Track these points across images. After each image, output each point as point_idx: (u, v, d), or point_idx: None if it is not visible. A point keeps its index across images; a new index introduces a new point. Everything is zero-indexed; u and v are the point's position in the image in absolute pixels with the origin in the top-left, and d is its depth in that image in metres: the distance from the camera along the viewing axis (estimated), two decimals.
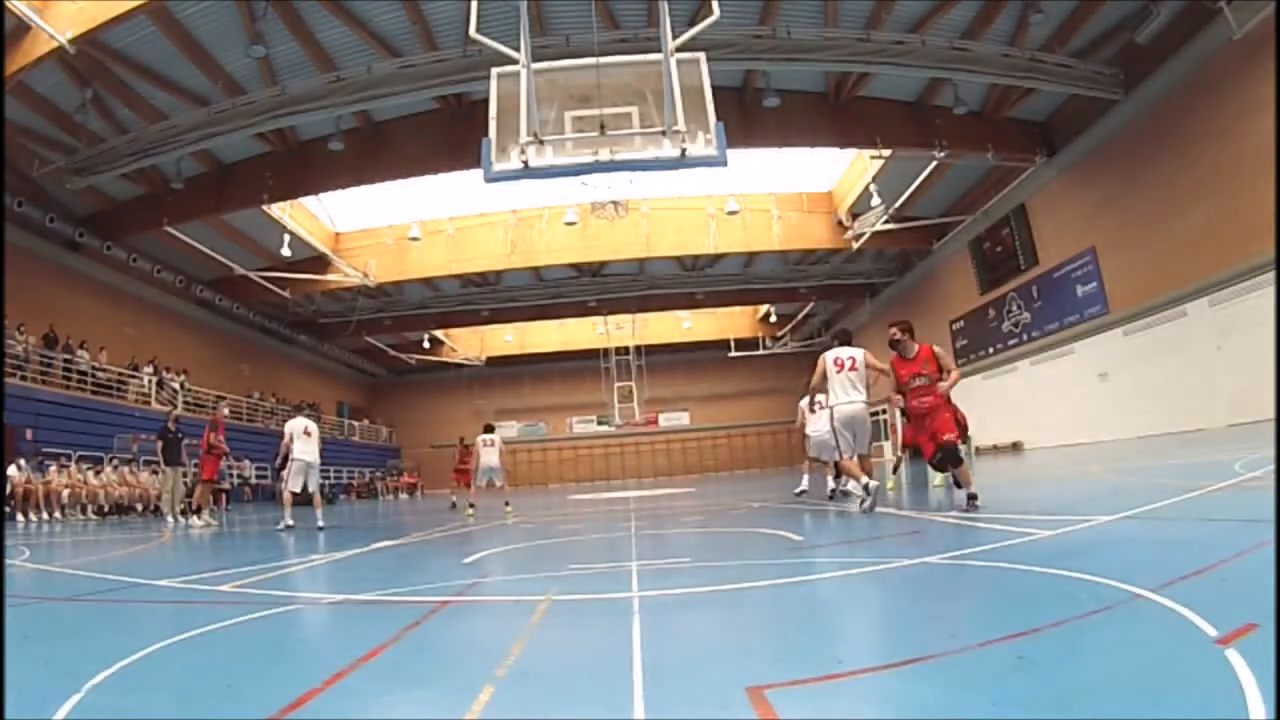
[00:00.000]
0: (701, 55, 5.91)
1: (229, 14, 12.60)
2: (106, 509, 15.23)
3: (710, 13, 6.12)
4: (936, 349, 6.07)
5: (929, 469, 9.94)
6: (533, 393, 39.03)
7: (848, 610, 2.84)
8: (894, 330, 6.25)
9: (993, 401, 20.76)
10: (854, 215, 22.42)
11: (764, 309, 33.96)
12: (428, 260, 24.21)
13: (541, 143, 5.47)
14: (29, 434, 15.21)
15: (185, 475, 18.07)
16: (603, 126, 5.61)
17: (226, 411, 12.38)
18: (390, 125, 16.91)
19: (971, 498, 5.55)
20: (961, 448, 9.62)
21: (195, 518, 10.81)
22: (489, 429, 12.75)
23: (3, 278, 14.29)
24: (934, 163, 17.86)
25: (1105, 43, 14.69)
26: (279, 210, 19.76)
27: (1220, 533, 3.56)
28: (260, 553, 6.92)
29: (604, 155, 5.62)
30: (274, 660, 2.52)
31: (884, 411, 27.68)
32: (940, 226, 22.99)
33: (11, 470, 13.36)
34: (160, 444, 12.70)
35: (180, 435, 12.68)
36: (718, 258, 25.58)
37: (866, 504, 6.25)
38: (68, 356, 17.64)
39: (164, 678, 2.28)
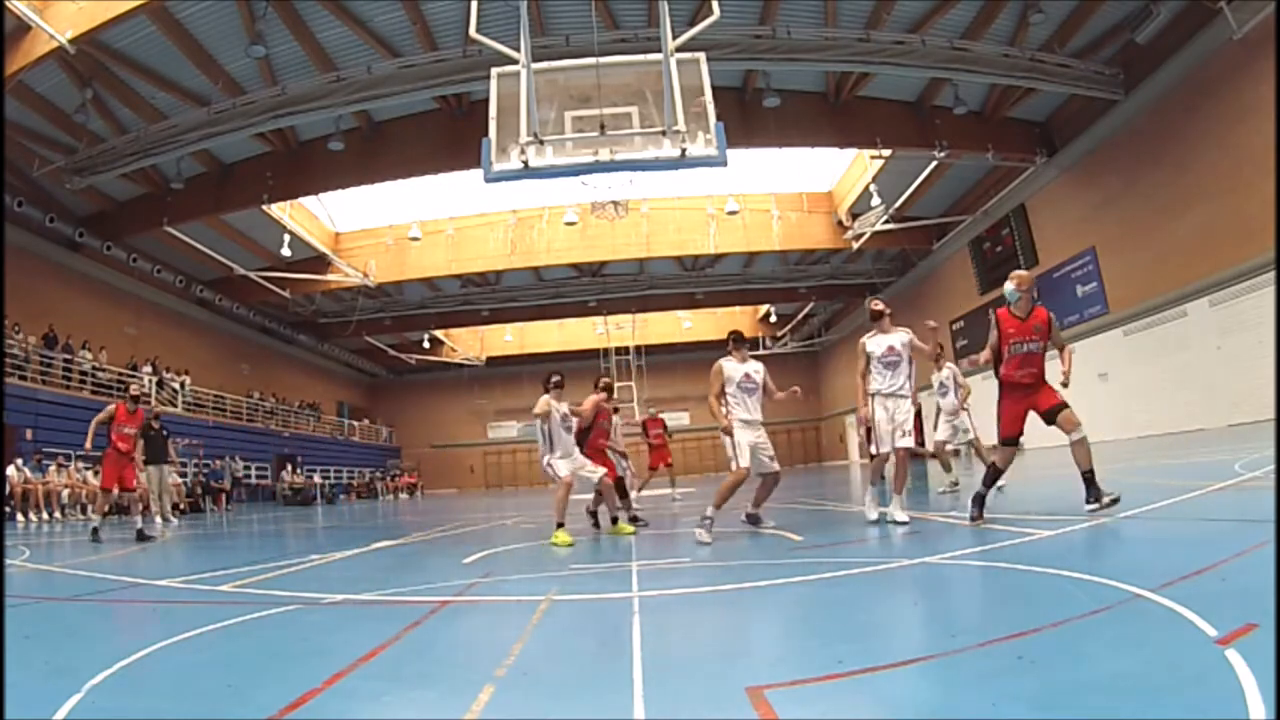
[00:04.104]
0: (701, 55, 5.91)
1: (229, 14, 12.59)
2: (107, 508, 15.19)
3: (710, 13, 6.12)
4: (1052, 316, 5.04)
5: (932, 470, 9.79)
6: (533, 393, 38.84)
7: (848, 610, 2.84)
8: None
9: (992, 401, 20.69)
10: (854, 215, 22.41)
11: (764, 309, 33.94)
12: (428, 260, 24.19)
13: (541, 143, 5.47)
14: (29, 434, 15.20)
15: (184, 475, 18.15)
16: (603, 126, 5.61)
17: (135, 390, 9.67)
18: (390, 125, 16.90)
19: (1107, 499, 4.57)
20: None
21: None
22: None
23: (3, 278, 14.28)
24: (934, 163, 17.85)
25: (1105, 43, 14.68)
26: (279, 210, 19.75)
27: (1220, 533, 3.56)
28: (260, 553, 6.92)
29: (604, 155, 5.62)
30: (274, 660, 2.52)
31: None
32: (940, 226, 22.98)
33: (10, 470, 13.34)
34: (141, 442, 12.48)
35: (166, 433, 12.57)
36: (718, 258, 25.57)
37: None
38: (68, 356, 17.64)
39: (164, 678, 2.28)
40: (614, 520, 6.58)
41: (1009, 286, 4.94)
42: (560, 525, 5.88)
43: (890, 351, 5.53)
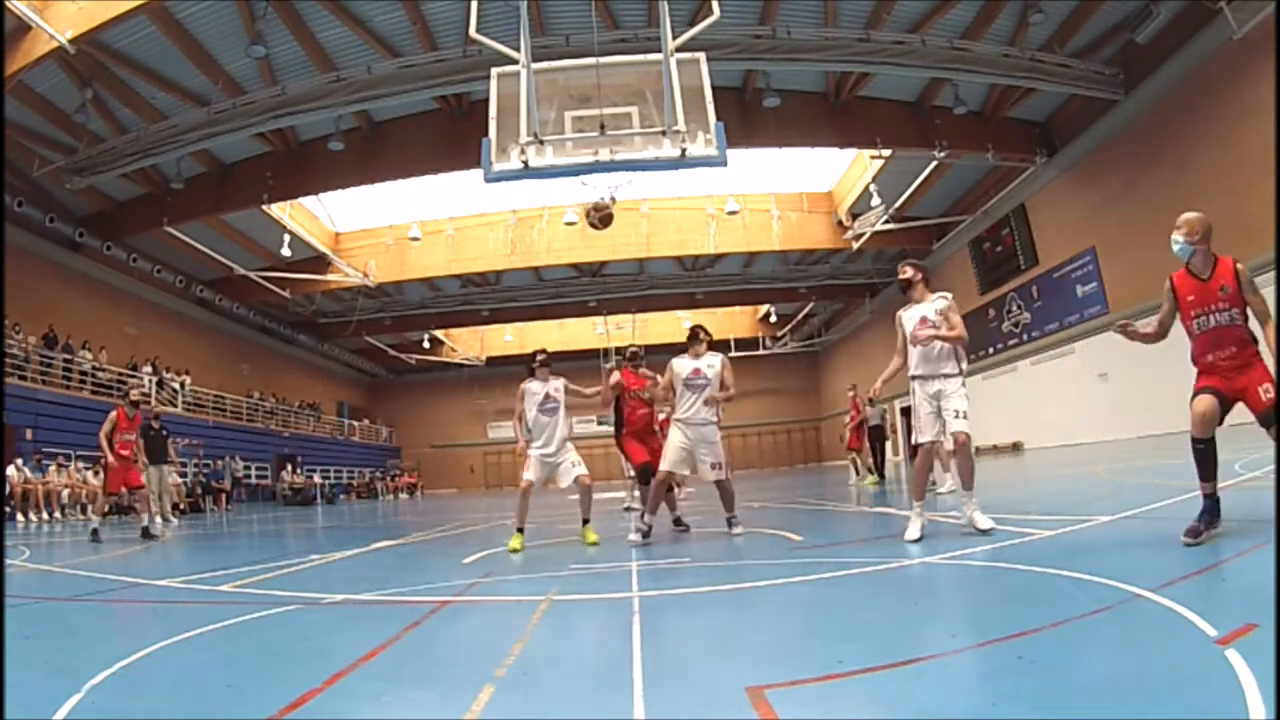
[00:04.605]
0: (701, 55, 5.91)
1: (229, 14, 12.59)
2: (106, 509, 15.20)
3: (710, 13, 6.12)
4: (1242, 268, 3.61)
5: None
6: None
7: (848, 610, 2.84)
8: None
9: (993, 401, 20.74)
10: (854, 215, 22.41)
11: (764, 309, 33.95)
12: (428, 260, 24.20)
13: (541, 143, 5.47)
14: (29, 434, 15.20)
15: (184, 475, 18.15)
16: (603, 126, 5.61)
17: (135, 395, 9.69)
18: (390, 125, 16.90)
19: None
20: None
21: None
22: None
23: (3, 278, 14.27)
24: (934, 163, 17.85)
25: (1105, 43, 14.69)
26: (279, 210, 19.75)
27: (1220, 533, 3.56)
28: (260, 553, 6.92)
29: (604, 155, 5.62)
30: (274, 660, 2.52)
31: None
32: (940, 226, 22.98)
33: (10, 470, 13.34)
34: (141, 442, 12.45)
35: (166, 432, 12.56)
36: (718, 258, 25.57)
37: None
38: (68, 356, 17.64)
39: (164, 678, 2.28)
40: (584, 522, 5.89)
41: (1177, 239, 3.66)
42: (519, 530, 5.66)
43: (923, 324, 4.58)
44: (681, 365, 5.63)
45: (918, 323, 4.63)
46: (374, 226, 24.19)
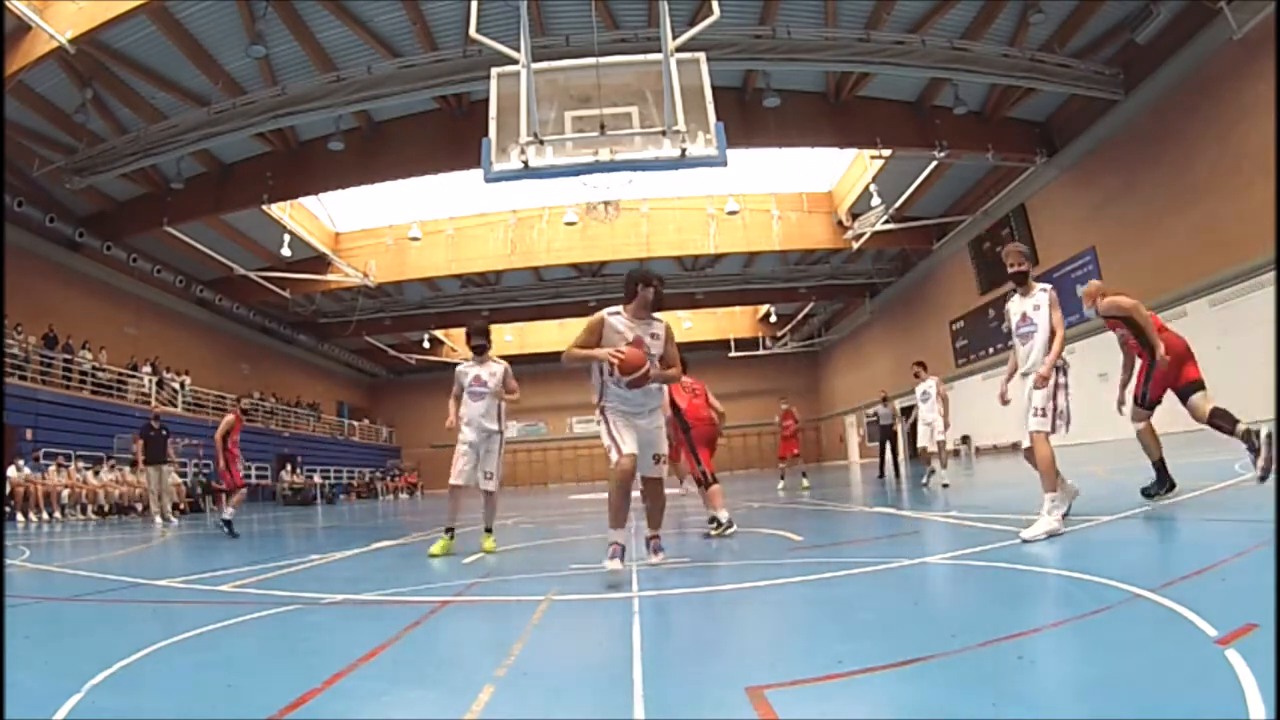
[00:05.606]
0: (701, 55, 5.92)
1: (229, 14, 12.60)
2: (106, 509, 15.22)
3: (710, 13, 6.13)
4: (1099, 305, 5.64)
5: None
6: (533, 393, 38.87)
7: (848, 610, 2.84)
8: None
9: (993, 401, 20.71)
10: (854, 215, 22.42)
11: (764, 309, 33.95)
12: (428, 260, 24.21)
13: (541, 143, 5.48)
14: (29, 434, 15.20)
15: (184, 475, 18.16)
16: (603, 126, 5.61)
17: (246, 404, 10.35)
18: (390, 125, 16.91)
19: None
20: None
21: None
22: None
23: (3, 278, 14.27)
24: (934, 163, 17.86)
25: (1105, 43, 14.69)
26: (279, 210, 19.76)
27: (1220, 533, 3.56)
28: (260, 553, 6.92)
29: (604, 155, 5.63)
30: (273, 660, 2.52)
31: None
32: (940, 226, 22.99)
33: (10, 470, 13.34)
34: (141, 442, 12.46)
35: (166, 433, 12.55)
36: (718, 258, 25.58)
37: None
38: (68, 356, 17.64)
39: (164, 678, 2.28)
40: (487, 530, 5.63)
41: (1087, 312, 5.20)
42: (448, 530, 5.41)
43: (1024, 321, 4.56)
44: (621, 325, 4.40)
45: (1019, 319, 4.62)
46: (374, 226, 24.21)
